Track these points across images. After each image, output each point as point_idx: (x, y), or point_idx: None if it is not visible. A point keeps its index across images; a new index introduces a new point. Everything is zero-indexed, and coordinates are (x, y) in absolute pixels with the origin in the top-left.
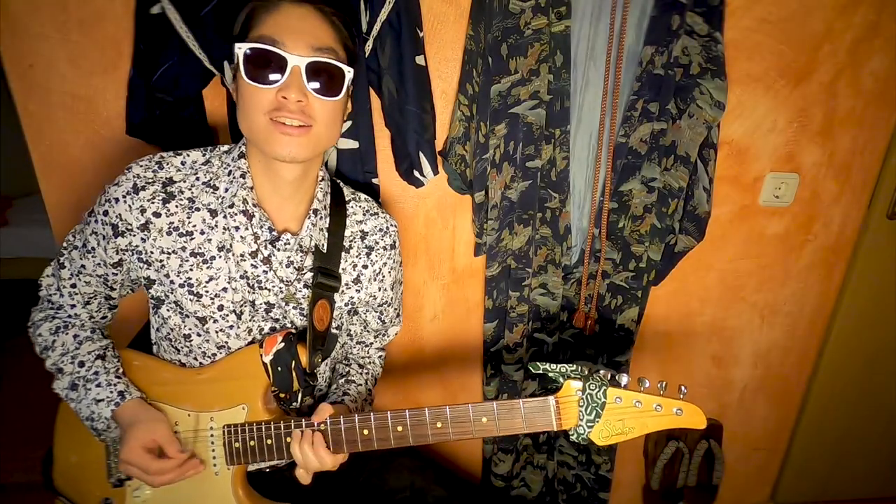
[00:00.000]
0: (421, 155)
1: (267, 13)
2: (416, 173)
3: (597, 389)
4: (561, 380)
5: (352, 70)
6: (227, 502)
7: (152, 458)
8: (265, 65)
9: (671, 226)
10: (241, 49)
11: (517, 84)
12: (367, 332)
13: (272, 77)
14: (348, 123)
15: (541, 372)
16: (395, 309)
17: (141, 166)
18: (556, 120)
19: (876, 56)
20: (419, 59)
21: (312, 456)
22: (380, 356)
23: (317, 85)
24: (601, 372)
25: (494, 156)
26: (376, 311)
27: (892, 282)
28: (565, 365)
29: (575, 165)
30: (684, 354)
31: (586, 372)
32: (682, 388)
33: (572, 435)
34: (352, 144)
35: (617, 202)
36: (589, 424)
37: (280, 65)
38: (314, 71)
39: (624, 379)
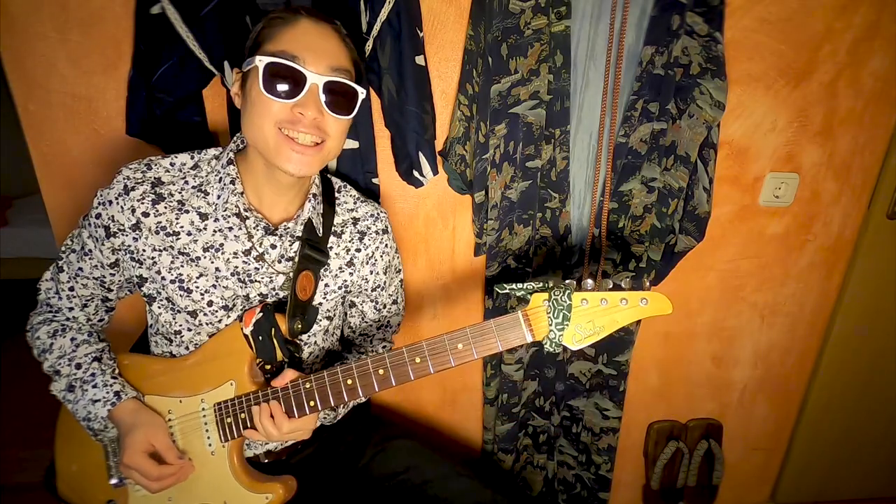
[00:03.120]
0: (421, 155)
1: (285, 27)
2: (416, 173)
3: (561, 294)
4: (528, 296)
5: (364, 91)
6: (225, 479)
7: (153, 464)
8: (284, 79)
9: (671, 226)
10: (261, 61)
11: (517, 84)
12: (367, 323)
13: (290, 91)
14: None
15: (507, 292)
16: (391, 295)
17: (130, 168)
18: (556, 120)
19: (876, 56)
20: (419, 59)
21: (272, 428)
22: (385, 348)
23: (332, 103)
24: (567, 281)
25: (494, 156)
26: (371, 300)
27: (892, 282)
28: (531, 283)
29: (575, 165)
30: (684, 354)
31: (550, 284)
32: (647, 281)
33: (546, 344)
34: (352, 144)
35: (617, 202)
36: (559, 328)
37: (299, 81)
38: (331, 90)
39: (589, 283)
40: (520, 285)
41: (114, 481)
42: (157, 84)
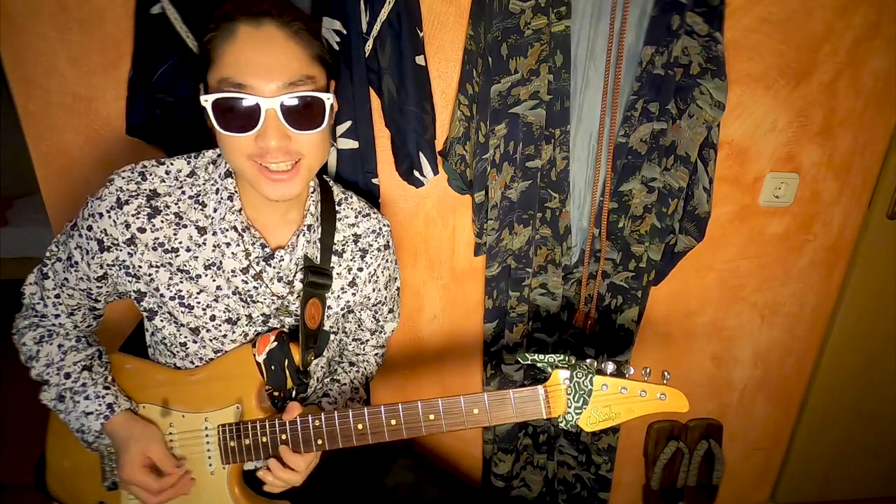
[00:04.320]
0: (421, 155)
1: (225, 43)
2: (416, 173)
3: (584, 377)
4: (549, 369)
5: (331, 96)
6: (223, 501)
7: (154, 478)
8: (236, 112)
9: (671, 226)
10: (206, 101)
11: (517, 84)
12: (362, 329)
13: (246, 124)
14: (348, 123)
15: (529, 362)
16: (390, 307)
17: (123, 178)
18: (556, 120)
19: (876, 56)
20: (419, 59)
21: (287, 475)
22: (376, 354)
23: (296, 121)
24: (588, 361)
25: (494, 156)
26: (371, 310)
27: (892, 282)
28: (553, 355)
29: (575, 165)
30: (684, 354)
31: (573, 361)
32: (666, 373)
33: (560, 422)
34: (352, 144)
35: (617, 202)
36: (577, 411)
37: (252, 110)
38: (291, 108)
39: (610, 367)
40: (541, 357)
41: (107, 484)
42: (157, 84)
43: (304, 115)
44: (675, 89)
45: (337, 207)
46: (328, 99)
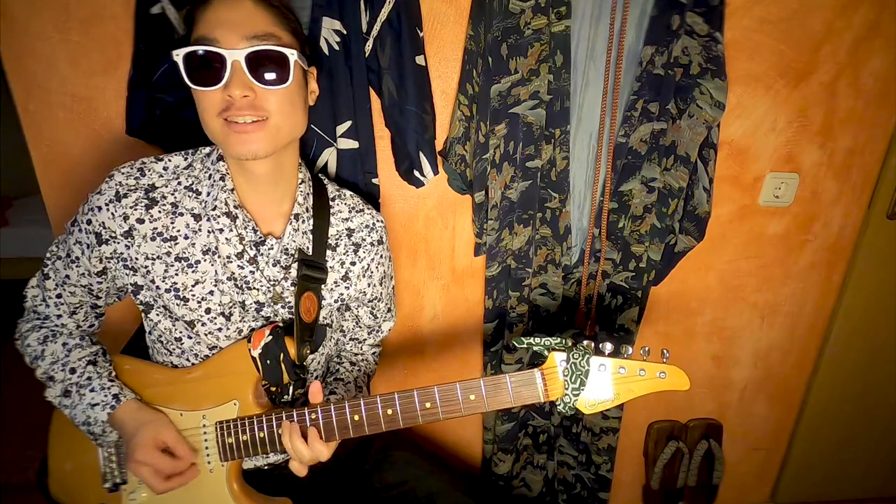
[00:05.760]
0: (421, 155)
1: (201, 12)
2: (416, 173)
3: (580, 358)
4: (546, 352)
5: (294, 52)
6: (222, 498)
7: (167, 459)
8: (204, 66)
9: (671, 226)
10: (178, 55)
11: (517, 84)
12: (360, 327)
13: (214, 76)
14: (348, 123)
15: (524, 346)
16: (386, 304)
17: (123, 173)
18: (556, 120)
19: (876, 56)
20: (419, 59)
21: (305, 449)
22: (374, 353)
23: (261, 75)
24: (585, 342)
25: (494, 156)
26: (368, 307)
27: (892, 282)
28: (549, 338)
29: (575, 165)
30: (684, 354)
31: (570, 343)
32: (665, 351)
33: (559, 405)
34: (352, 144)
35: (617, 202)
36: (574, 393)
37: (219, 62)
38: (255, 61)
39: (608, 347)
40: (538, 340)
41: (108, 485)
42: (157, 84)
43: (268, 69)
44: (675, 89)
45: (331, 203)
46: (292, 54)
